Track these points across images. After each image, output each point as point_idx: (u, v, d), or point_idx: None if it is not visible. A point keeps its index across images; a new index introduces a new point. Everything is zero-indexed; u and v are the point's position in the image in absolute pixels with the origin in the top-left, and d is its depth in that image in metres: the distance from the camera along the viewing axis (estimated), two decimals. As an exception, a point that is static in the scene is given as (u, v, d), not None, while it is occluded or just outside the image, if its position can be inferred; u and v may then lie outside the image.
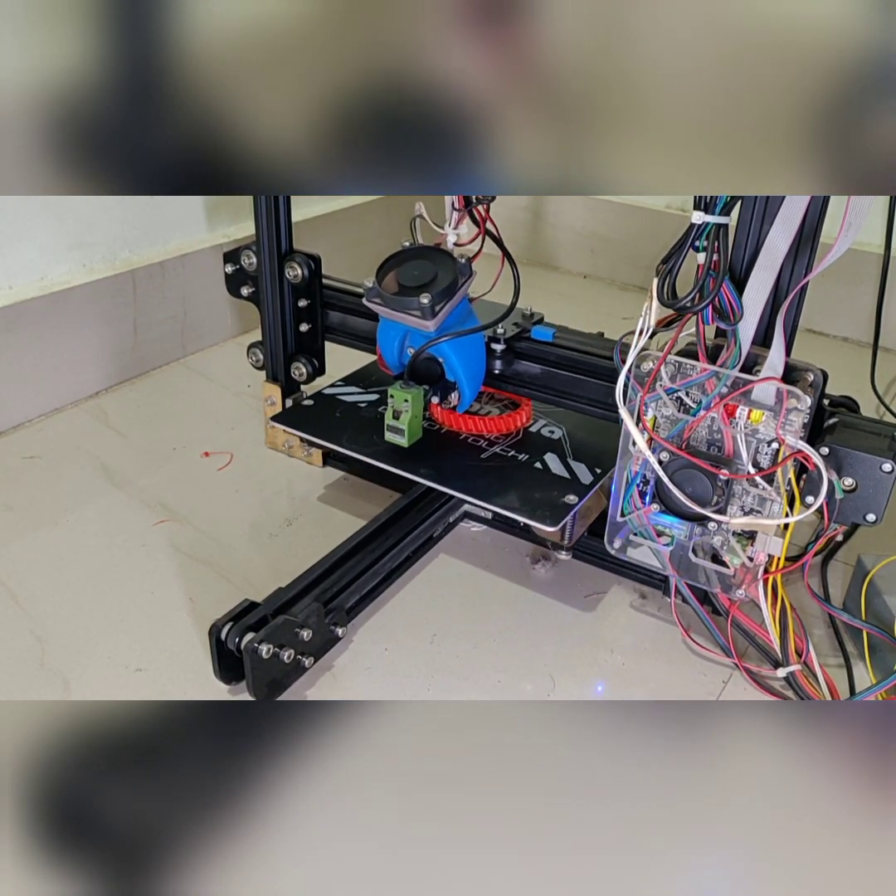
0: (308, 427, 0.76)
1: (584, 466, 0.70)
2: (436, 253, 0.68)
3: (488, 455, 0.72)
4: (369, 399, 0.79)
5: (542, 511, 0.65)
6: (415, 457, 0.71)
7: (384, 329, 0.71)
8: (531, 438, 0.75)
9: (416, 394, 0.69)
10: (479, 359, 0.71)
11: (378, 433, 0.73)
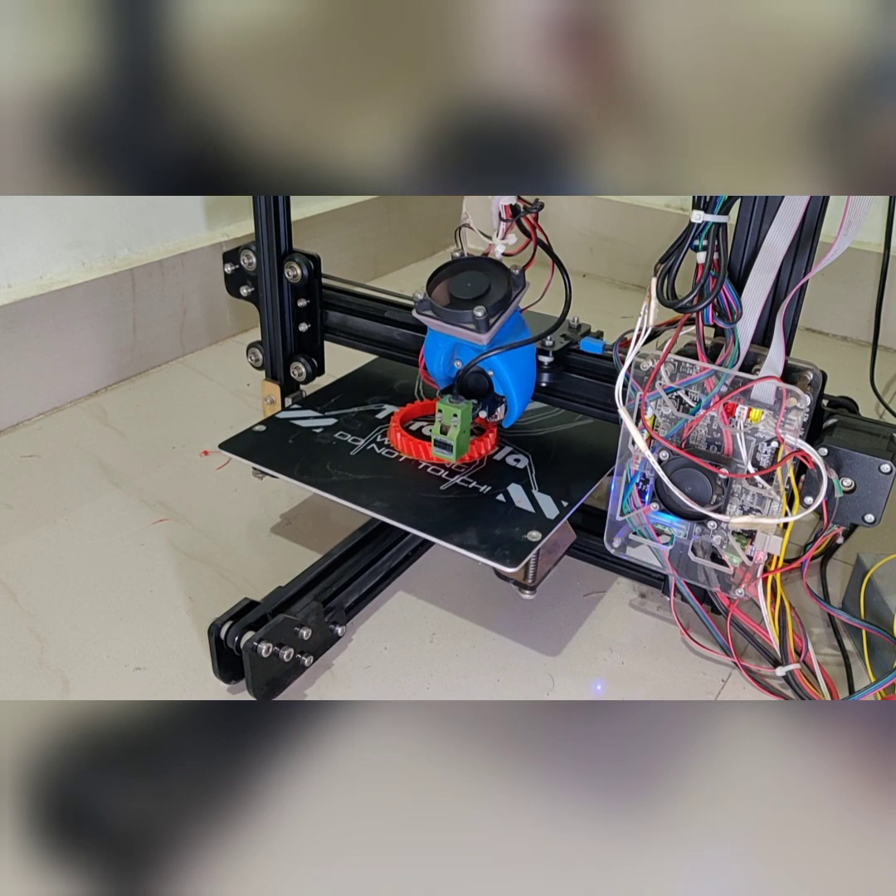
0: (258, 456, 0.70)
1: (550, 499, 0.66)
2: (488, 263, 0.65)
3: (448, 486, 0.67)
4: (325, 424, 0.75)
5: (501, 550, 0.60)
6: (370, 488, 0.66)
7: (432, 342, 0.68)
8: (495, 468, 0.70)
9: (466, 408, 0.66)
10: (530, 372, 0.68)
11: (333, 461, 0.69)
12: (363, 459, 0.70)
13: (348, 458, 0.70)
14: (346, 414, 0.76)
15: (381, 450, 0.71)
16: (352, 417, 0.76)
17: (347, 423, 0.75)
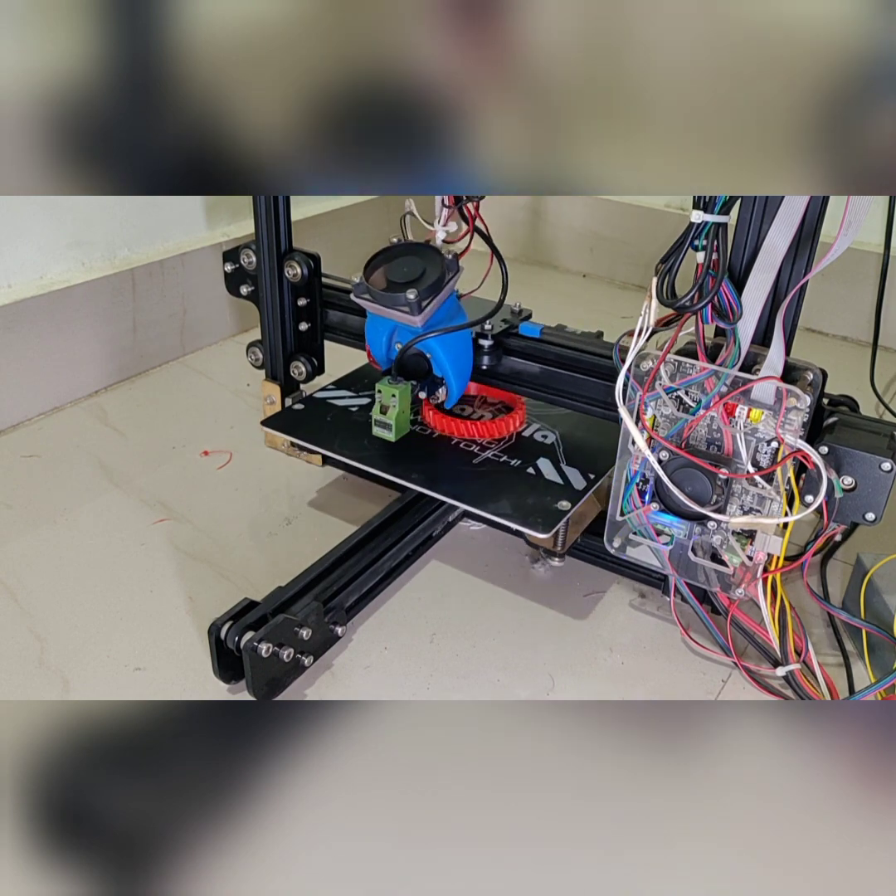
0: (299, 432, 0.75)
1: (578, 472, 0.69)
2: (423, 249, 0.68)
3: (480, 460, 0.71)
4: (360, 403, 0.78)
5: (534, 518, 0.64)
6: (406, 461, 0.70)
7: (372, 324, 0.71)
8: (524, 443, 0.74)
9: (404, 389, 0.69)
10: (466, 354, 0.71)
11: (369, 437, 0.73)
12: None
13: None
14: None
15: (415, 426, 0.74)
16: None
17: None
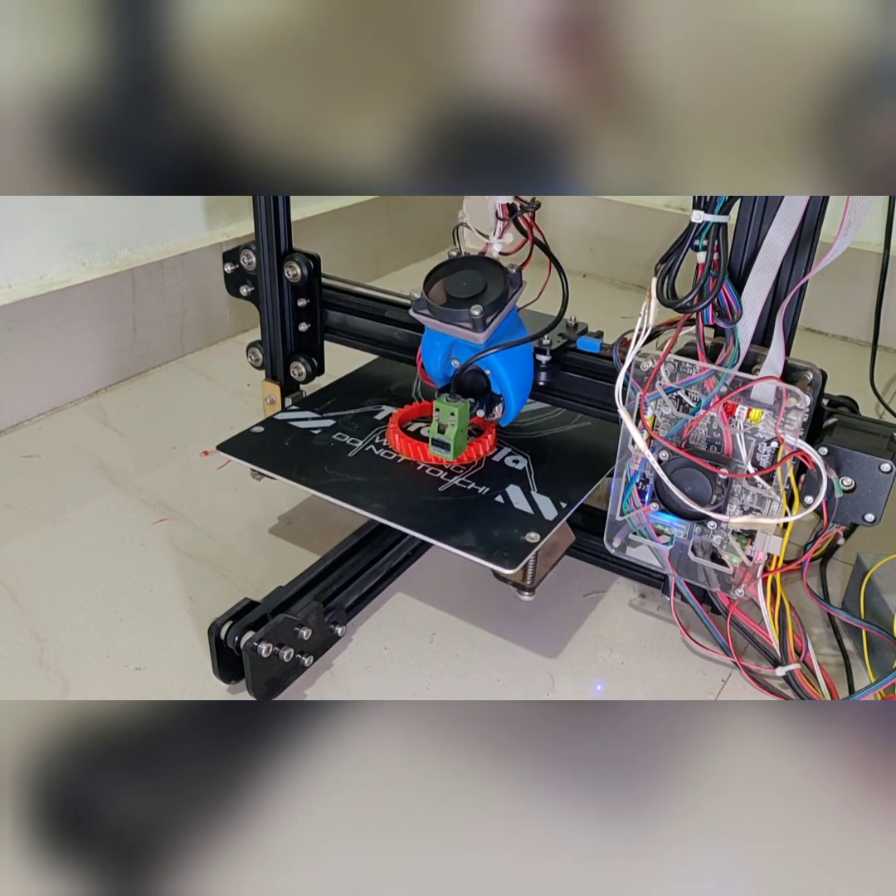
0: (255, 457, 0.70)
1: (549, 500, 0.66)
2: (485, 263, 0.65)
3: (446, 488, 0.67)
4: (324, 425, 0.75)
5: (499, 551, 0.60)
6: (368, 489, 0.66)
7: (429, 340, 0.68)
8: (494, 469, 0.69)
9: (463, 407, 0.66)
10: (527, 371, 0.69)
11: (330, 463, 0.69)
12: (361, 461, 0.70)
13: (346, 460, 0.70)
14: (344, 415, 0.76)
15: (380, 451, 0.71)
16: (350, 419, 0.76)
17: (345, 424, 0.75)
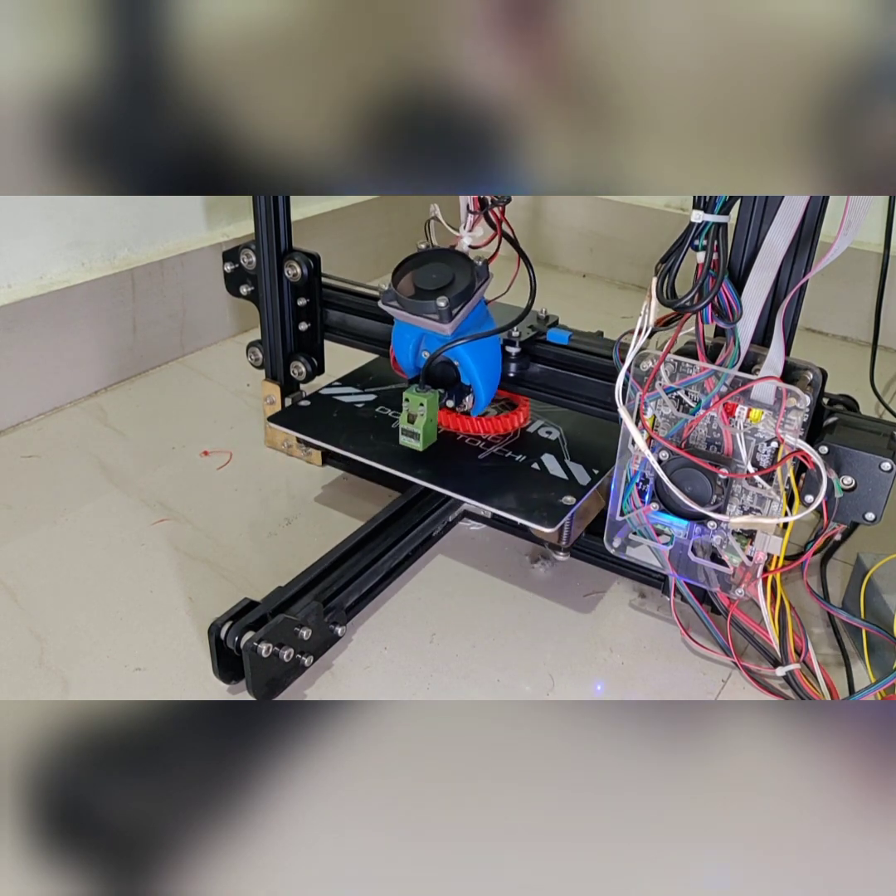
0: (305, 428, 0.75)
1: (582, 467, 0.70)
2: (452, 255, 0.67)
3: (485, 456, 0.71)
4: (366, 399, 0.79)
5: (539, 512, 0.65)
6: (412, 458, 0.70)
7: (399, 332, 0.70)
8: (528, 439, 0.74)
9: (432, 397, 0.68)
10: (494, 362, 0.70)
11: (375, 433, 0.73)
12: None
13: (390, 431, 0.73)
14: (384, 390, 0.80)
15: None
16: (390, 393, 0.79)
17: (387, 398, 0.79)
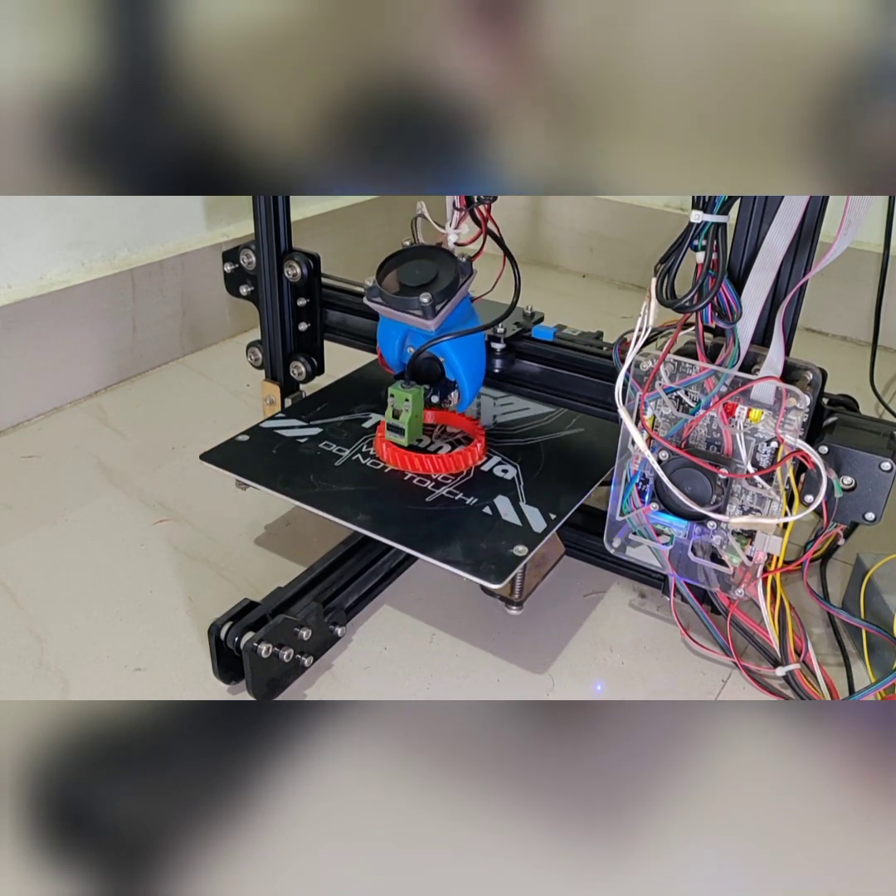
0: (240, 467, 0.69)
1: (538, 511, 0.64)
2: (437, 252, 0.67)
3: (434, 498, 0.66)
4: (310, 434, 0.74)
5: (486, 564, 0.58)
6: (353, 500, 0.65)
7: (384, 328, 0.71)
8: (482, 479, 0.68)
9: (417, 393, 0.68)
10: (479, 358, 0.70)
11: (316, 473, 0.68)
12: (348, 470, 0.69)
13: (332, 469, 0.69)
14: (331, 423, 0.75)
15: (367, 460, 0.70)
16: (337, 426, 0.75)
17: (333, 432, 0.74)
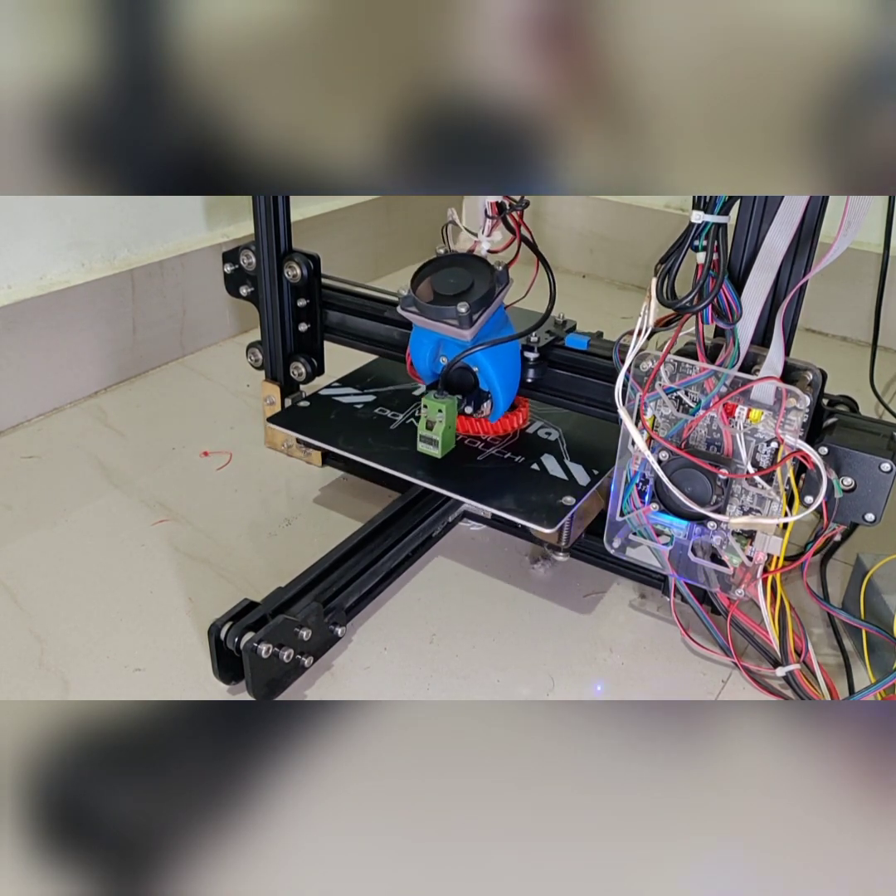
0: (304, 428, 0.75)
1: (582, 468, 0.70)
2: (472, 260, 0.66)
3: (485, 457, 0.71)
4: (365, 400, 0.79)
5: (538, 513, 0.64)
6: (410, 458, 0.70)
7: (417, 338, 0.70)
8: (528, 440, 0.74)
9: (451, 404, 0.68)
10: (514, 368, 0.70)
11: (374, 435, 0.73)
12: (403, 433, 0.74)
13: (388, 432, 0.74)
14: (383, 391, 0.81)
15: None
16: (389, 394, 0.80)
17: (386, 399, 0.79)
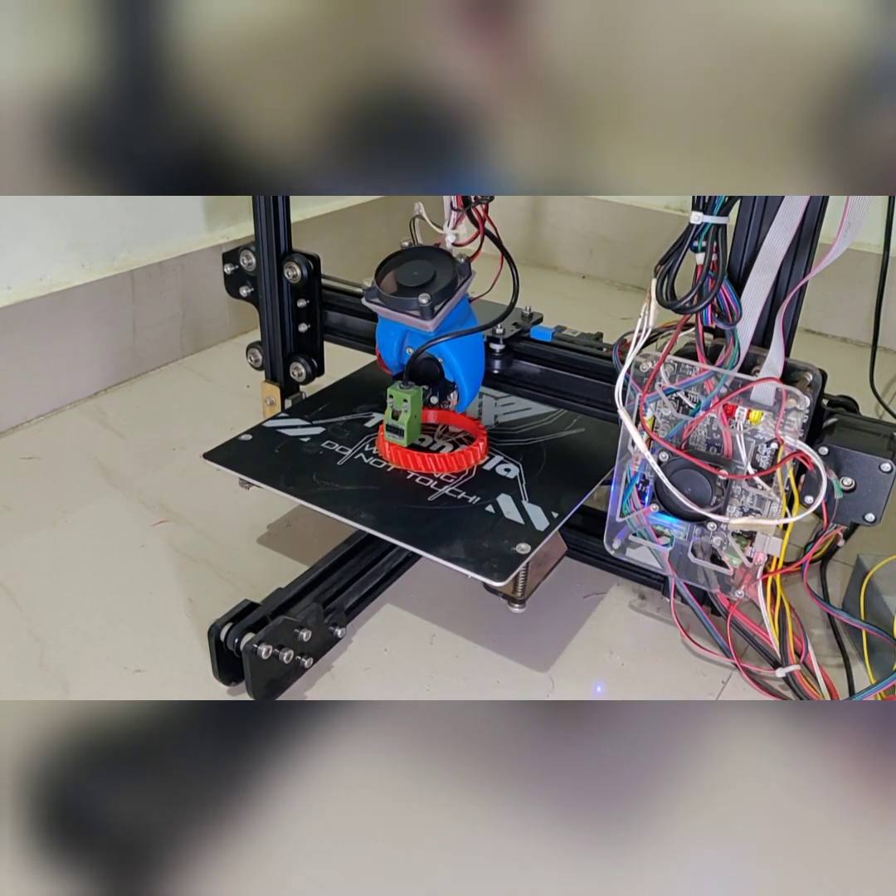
0: (243, 466, 0.69)
1: (541, 510, 0.64)
2: (435, 253, 0.68)
3: (436, 497, 0.66)
4: (313, 433, 0.74)
5: (489, 563, 0.59)
6: (356, 499, 0.65)
7: (383, 329, 0.71)
8: (485, 478, 0.68)
9: (416, 394, 0.68)
10: (478, 359, 0.71)
11: (319, 472, 0.68)
12: (350, 469, 0.69)
13: (335, 468, 0.69)
14: (333, 423, 0.75)
15: (369, 459, 0.70)
16: (340, 426, 0.75)
17: (335, 431, 0.74)
